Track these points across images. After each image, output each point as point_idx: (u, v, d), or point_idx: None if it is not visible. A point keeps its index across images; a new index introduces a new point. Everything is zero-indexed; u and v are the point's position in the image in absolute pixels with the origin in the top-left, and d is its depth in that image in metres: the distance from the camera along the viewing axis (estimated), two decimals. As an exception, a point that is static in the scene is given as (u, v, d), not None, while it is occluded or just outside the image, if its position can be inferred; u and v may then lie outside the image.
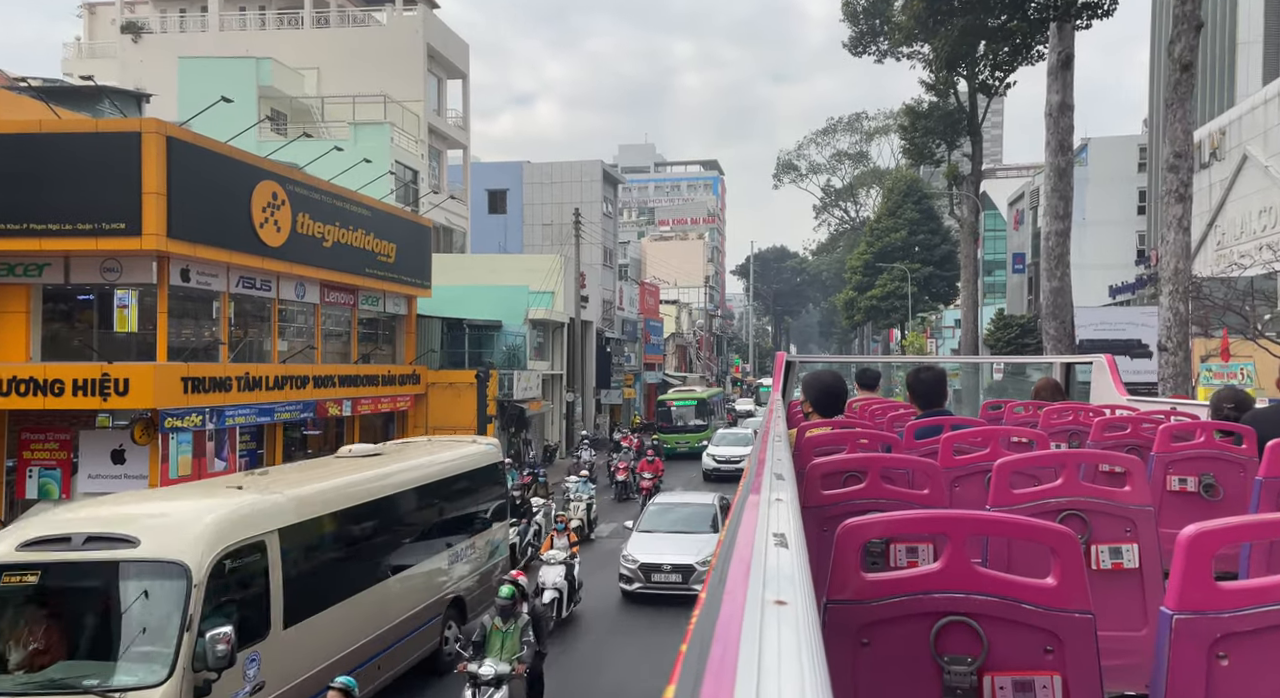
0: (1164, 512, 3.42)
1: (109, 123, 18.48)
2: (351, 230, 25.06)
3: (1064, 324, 21.38)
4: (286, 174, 22.27)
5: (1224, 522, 1.62)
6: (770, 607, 0.98)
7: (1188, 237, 16.45)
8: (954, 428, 3.67)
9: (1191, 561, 1.54)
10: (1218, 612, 1.54)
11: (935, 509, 2.24)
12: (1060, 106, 21.75)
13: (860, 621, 1.61)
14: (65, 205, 17.75)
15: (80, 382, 17.94)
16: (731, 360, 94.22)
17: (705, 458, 31.90)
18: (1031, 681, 1.60)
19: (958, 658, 1.60)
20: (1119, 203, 48.72)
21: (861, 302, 59.69)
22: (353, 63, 36.65)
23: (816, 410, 4.52)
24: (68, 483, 19.40)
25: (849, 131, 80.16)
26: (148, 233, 17.77)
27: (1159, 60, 41.74)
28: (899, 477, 2.74)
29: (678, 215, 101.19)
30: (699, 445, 36.01)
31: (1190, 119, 16.49)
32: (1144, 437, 4.17)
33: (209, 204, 19.24)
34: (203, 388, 19.36)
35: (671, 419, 39.30)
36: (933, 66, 33.50)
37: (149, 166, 17.70)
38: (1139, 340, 34.90)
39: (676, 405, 39.99)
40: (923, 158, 40.70)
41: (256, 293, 22.17)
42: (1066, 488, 2.60)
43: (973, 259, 37.97)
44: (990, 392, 40.15)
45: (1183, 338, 16.52)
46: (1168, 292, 16.46)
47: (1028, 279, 54.94)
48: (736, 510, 1.71)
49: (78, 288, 19.36)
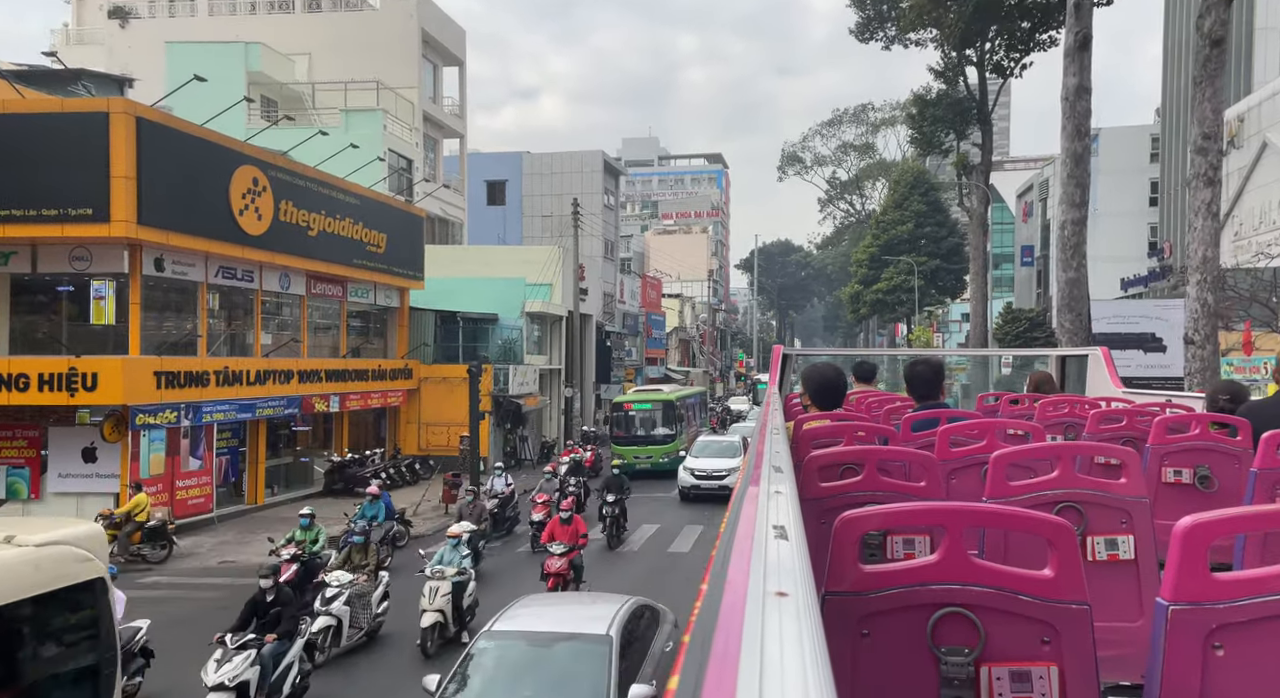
0: (1159, 504, 3.41)
1: (75, 103, 17.58)
2: (338, 219, 24.15)
3: (1080, 317, 20.40)
4: (268, 159, 21.37)
5: (1219, 513, 1.63)
6: (771, 598, 0.99)
7: (1217, 222, 15.48)
8: (951, 421, 3.68)
9: (1187, 552, 1.55)
10: (1213, 603, 1.54)
11: (932, 501, 2.28)
12: (1077, 90, 20.71)
13: (859, 612, 1.61)
14: (30, 189, 16.89)
15: (47, 376, 17.10)
16: (736, 355, 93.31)
17: (682, 473, 24.99)
18: (1028, 671, 1.60)
19: (955, 649, 1.60)
20: (1131, 194, 47.73)
21: (867, 295, 58.69)
22: (345, 48, 35.72)
23: (815, 403, 4.49)
24: (37, 482, 18.55)
25: (855, 123, 78.96)
26: (116, 219, 16.89)
27: (1174, 44, 40.66)
28: (896, 469, 2.73)
29: (681, 209, 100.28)
30: (665, 462, 28.61)
31: (1220, 98, 15.49)
32: (1140, 429, 4.19)
33: (183, 189, 18.35)
34: (178, 383, 18.49)
35: (630, 427, 30.28)
36: (945, 46, 32.42)
37: (117, 149, 16.82)
38: (1153, 334, 33.93)
39: (636, 409, 30.54)
40: (931, 147, 39.65)
41: (238, 284, 21.29)
42: (1062, 480, 2.60)
43: (982, 251, 36.98)
44: (1000, 386, 39.13)
45: (1211, 330, 15.58)
46: (1195, 281, 15.50)
47: (1036, 272, 53.97)
48: (736, 502, 1.69)
49: (48, 277, 18.48)
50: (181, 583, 15.22)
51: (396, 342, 29.14)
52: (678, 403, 31.36)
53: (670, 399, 31.11)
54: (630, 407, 30.92)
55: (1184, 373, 16.42)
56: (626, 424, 30.48)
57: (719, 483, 23.54)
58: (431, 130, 38.74)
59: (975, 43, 30.14)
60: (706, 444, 26.61)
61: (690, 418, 34.16)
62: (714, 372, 75.16)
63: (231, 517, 20.75)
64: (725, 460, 24.58)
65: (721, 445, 26.19)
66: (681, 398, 32.82)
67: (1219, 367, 17.09)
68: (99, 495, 18.24)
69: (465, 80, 41.83)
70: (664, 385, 38.00)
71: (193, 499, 19.66)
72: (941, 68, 37.00)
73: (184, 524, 19.03)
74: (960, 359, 53.31)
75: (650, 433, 30.07)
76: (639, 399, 31.55)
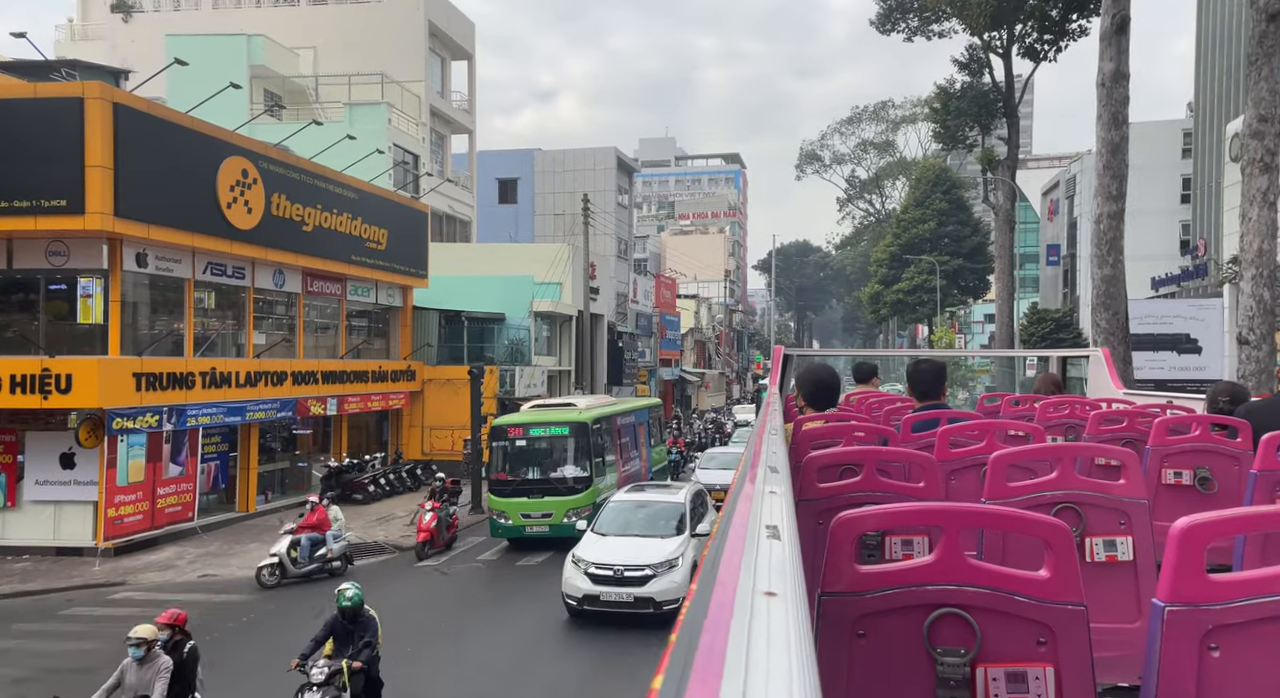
0: (1159, 505, 3.40)
1: (49, 88, 16.66)
2: (336, 214, 23.18)
3: (1117, 316, 19.16)
4: (259, 150, 20.42)
5: (1216, 514, 1.62)
6: (760, 598, 0.99)
7: (1274, 213, 14.24)
8: (950, 422, 3.70)
9: (1183, 553, 1.55)
10: (1210, 604, 1.54)
11: (930, 502, 2.28)
12: (1114, 75, 19.43)
13: (855, 612, 1.61)
14: (2, 180, 15.98)
15: (18, 378, 16.18)
16: (753, 357, 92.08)
17: (571, 569, 13.43)
18: (1024, 672, 1.60)
19: (951, 650, 1.60)
20: (1162, 191, 46.38)
21: (887, 296, 57.40)
22: (350, 41, 34.85)
23: (809, 404, 4.50)
24: (13, 490, 17.65)
25: (874, 120, 77.58)
26: (91, 211, 15.95)
27: (1209, 33, 39.11)
28: (895, 470, 2.71)
29: (698, 209, 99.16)
30: (570, 526, 17.85)
31: (1279, 77, 14.21)
32: (1140, 430, 4.18)
33: (166, 180, 17.42)
34: (159, 385, 17.53)
35: (518, 466, 19.15)
36: (976, 31, 31.07)
37: (93, 136, 15.88)
38: (1187, 335, 32.53)
39: (530, 436, 19.36)
40: (955, 142, 38.41)
41: (227, 281, 20.34)
42: (1061, 481, 2.59)
43: (1008, 248, 35.69)
44: (1025, 387, 37.73)
45: (1268, 329, 14.39)
46: (1250, 276, 14.29)
47: (1063, 271, 52.53)
48: (730, 502, 1.67)
49: (20, 275, 17.55)
50: (148, 600, 14.18)
51: (399, 342, 28.16)
52: (597, 427, 19.73)
53: (583, 421, 19.23)
54: (519, 432, 19.20)
55: (1237, 376, 15.18)
56: (513, 461, 19.05)
57: (637, 591, 12.90)
58: (439, 125, 37.79)
59: (1002, 28, 28.85)
60: (619, 511, 14.88)
61: (628, 449, 22.48)
62: (730, 373, 73.92)
63: (219, 526, 19.78)
64: (652, 544, 13.60)
65: (651, 512, 14.68)
66: (606, 418, 20.86)
67: (1274, 368, 15.82)
68: (78, 504, 17.33)
69: (474, 75, 40.89)
70: (585, 398, 24.00)
71: (170, 508, 18.67)
72: (966, 59, 35.77)
73: (162, 535, 18.09)
74: (983, 361, 52.00)
75: (551, 475, 18.82)
76: (535, 421, 19.55)
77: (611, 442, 20.93)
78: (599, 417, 20.25)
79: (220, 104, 21.21)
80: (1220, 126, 35.94)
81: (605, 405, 22.35)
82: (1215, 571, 1.58)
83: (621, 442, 21.87)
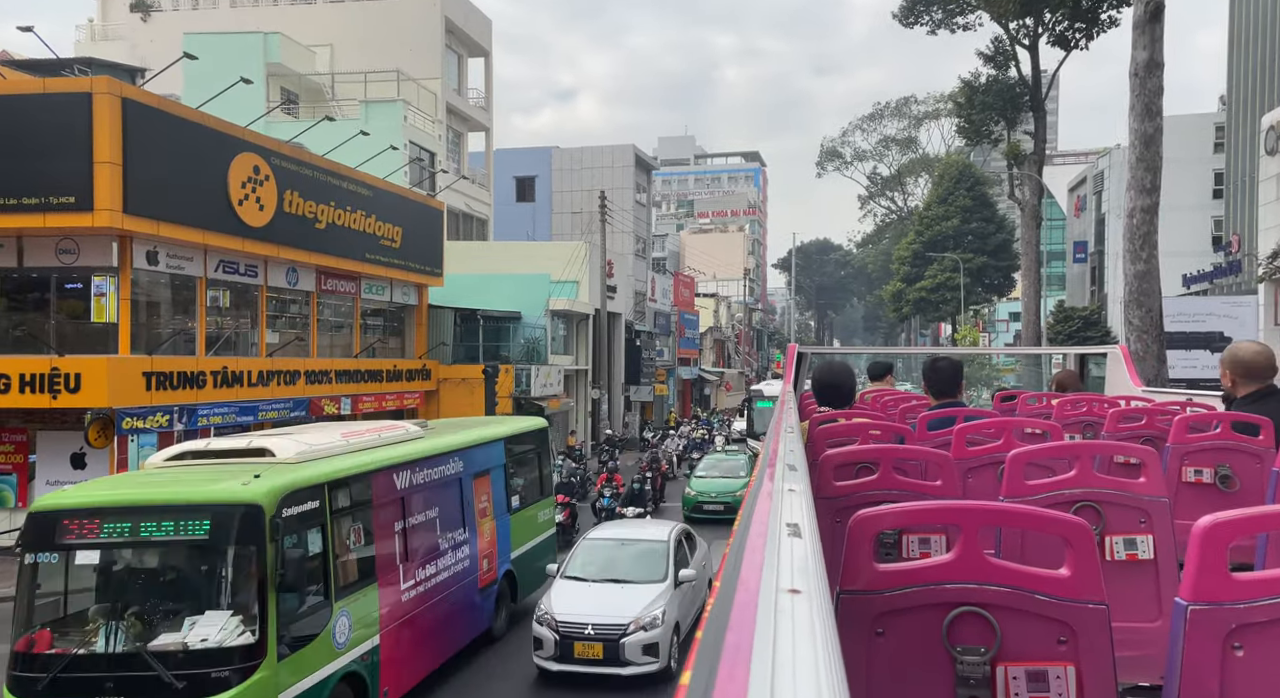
0: (1179, 503, 3.29)
1: (57, 83, 16.45)
2: (349, 211, 22.90)
3: (1150, 312, 18.56)
4: (271, 146, 20.16)
5: (1239, 513, 1.61)
6: (785, 595, 0.99)
7: (1321, 204, 13.60)
8: (967, 420, 3.66)
9: (1206, 551, 1.53)
10: (1233, 603, 1.52)
11: (948, 500, 2.28)
12: (1148, 65, 18.85)
13: (874, 611, 1.60)
14: (8, 177, 15.78)
15: (28, 377, 15.97)
16: (773, 356, 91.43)
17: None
18: (1045, 671, 1.59)
19: (971, 648, 1.59)
20: (1193, 186, 45.42)
21: (910, 294, 56.64)
22: (367, 39, 34.64)
23: (823, 402, 4.44)
24: (24, 489, 17.48)
25: (897, 117, 76.61)
26: (100, 207, 15.71)
27: (1242, 22, 38.17)
28: (912, 468, 2.68)
29: (718, 208, 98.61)
30: None
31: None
32: (1160, 428, 4.13)
33: (176, 177, 17.16)
34: (170, 384, 17.29)
35: (70, 619, 7.81)
36: (1002, 18, 30.39)
37: (101, 132, 15.64)
38: (1221, 333, 31.70)
39: (123, 536, 7.61)
40: (980, 137, 37.65)
41: (240, 279, 20.09)
42: (1080, 479, 2.57)
43: (1034, 245, 34.94)
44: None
45: (1314, 327, 13.74)
46: (1296, 271, 13.65)
47: (1090, 269, 51.61)
48: (750, 501, 1.67)
49: (34, 273, 17.36)
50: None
51: (414, 341, 27.88)
52: (300, 511, 8.22)
53: (253, 501, 7.69)
54: (95, 529, 7.59)
55: None
56: (113, 592, 7.88)
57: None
58: (456, 123, 37.52)
59: (1030, 18, 28.18)
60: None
61: (421, 534, 10.80)
62: (750, 373, 73.34)
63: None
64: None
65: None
66: (344, 480, 9.11)
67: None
68: (88, 504, 17.12)
69: (491, 72, 40.59)
70: (322, 434, 10.10)
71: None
72: (991, 52, 35.03)
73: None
74: (1009, 360, 51.16)
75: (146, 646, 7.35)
76: (140, 500, 7.81)
77: (359, 534, 9.40)
78: (314, 483, 8.55)
79: (237, 102, 21.01)
80: (1255, 119, 35.00)
81: (367, 446, 10.15)
82: (1237, 570, 1.57)
83: (402, 525, 10.27)
